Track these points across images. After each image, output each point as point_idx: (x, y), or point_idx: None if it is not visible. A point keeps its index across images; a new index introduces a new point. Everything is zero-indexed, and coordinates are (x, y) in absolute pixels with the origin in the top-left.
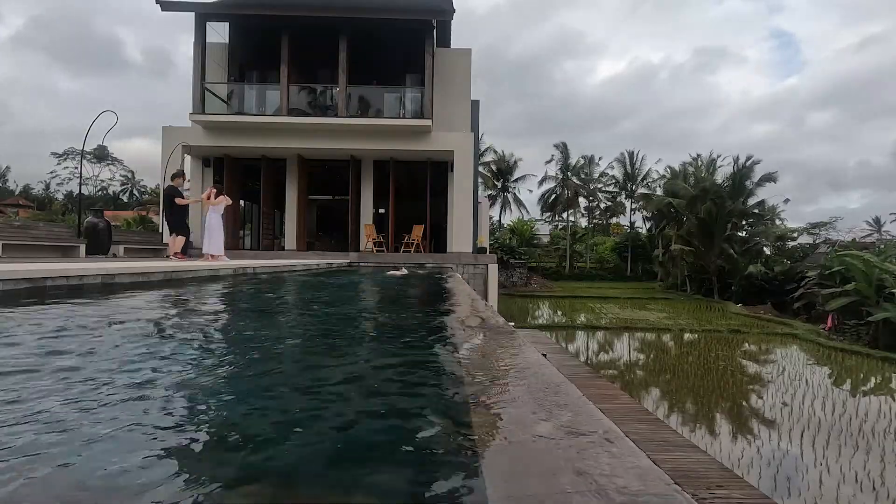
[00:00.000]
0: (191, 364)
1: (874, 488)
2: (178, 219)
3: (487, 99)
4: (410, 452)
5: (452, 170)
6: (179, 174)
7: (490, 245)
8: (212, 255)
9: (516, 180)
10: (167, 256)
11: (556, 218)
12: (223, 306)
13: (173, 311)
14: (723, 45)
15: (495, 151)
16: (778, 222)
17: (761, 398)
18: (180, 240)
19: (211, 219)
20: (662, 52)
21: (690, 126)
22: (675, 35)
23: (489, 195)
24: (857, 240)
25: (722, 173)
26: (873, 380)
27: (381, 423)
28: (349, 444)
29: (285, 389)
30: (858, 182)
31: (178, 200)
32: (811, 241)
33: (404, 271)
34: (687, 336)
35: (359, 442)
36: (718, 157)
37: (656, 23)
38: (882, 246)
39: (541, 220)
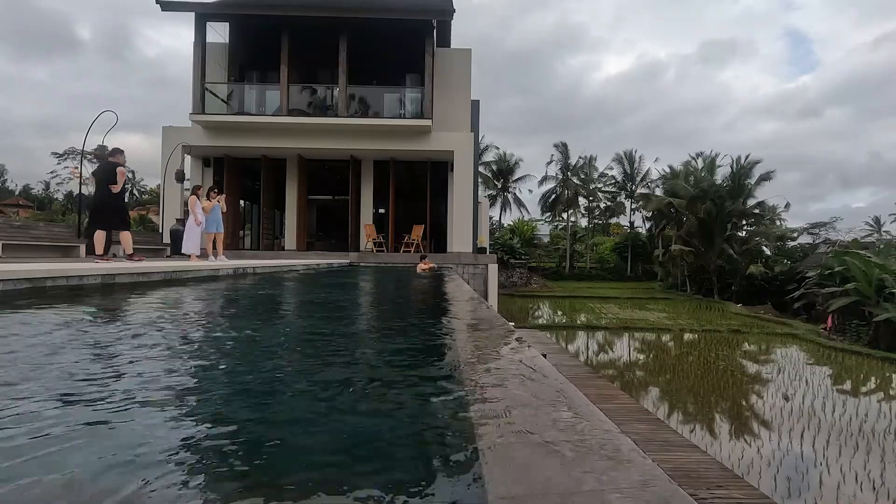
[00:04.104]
0: None
1: (874, 488)
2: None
3: (484, 93)
4: None
5: (452, 170)
6: (180, 176)
7: (490, 245)
8: (193, 255)
9: (516, 180)
10: (167, 256)
11: (557, 218)
12: None
13: None
14: (734, 42)
15: (496, 148)
16: (778, 222)
17: (761, 398)
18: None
19: (194, 219)
20: (670, 48)
21: (698, 123)
22: (683, 31)
23: (489, 195)
24: (858, 239)
25: (722, 173)
26: (873, 380)
27: None
28: None
29: None
30: (868, 179)
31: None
32: (811, 241)
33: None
34: (687, 336)
35: None
36: (717, 155)
37: (663, 18)
38: (881, 246)
39: (541, 220)
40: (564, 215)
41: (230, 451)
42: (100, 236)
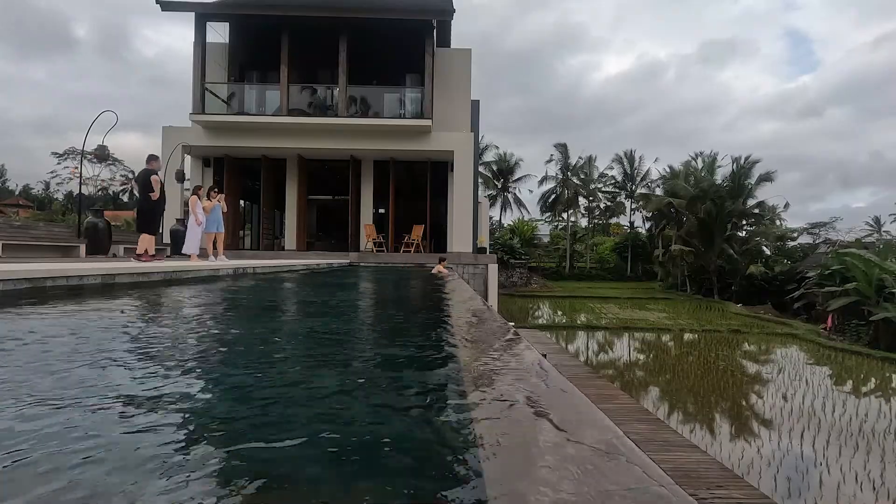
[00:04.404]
0: None
1: (874, 488)
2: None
3: (484, 93)
4: None
5: (452, 170)
6: (180, 176)
7: (490, 245)
8: (193, 255)
9: (516, 180)
10: (167, 256)
11: (556, 218)
12: None
13: None
14: (734, 42)
15: (496, 147)
16: (778, 223)
17: (761, 398)
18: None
19: (195, 219)
20: (670, 48)
21: (698, 123)
22: (683, 31)
23: (489, 195)
24: (859, 239)
25: (722, 173)
26: (873, 380)
27: None
28: None
29: None
30: (869, 179)
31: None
32: (811, 241)
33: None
34: (687, 336)
35: None
36: (717, 154)
37: (663, 19)
38: (881, 246)
39: (541, 220)
40: (564, 215)
41: None
42: (147, 239)
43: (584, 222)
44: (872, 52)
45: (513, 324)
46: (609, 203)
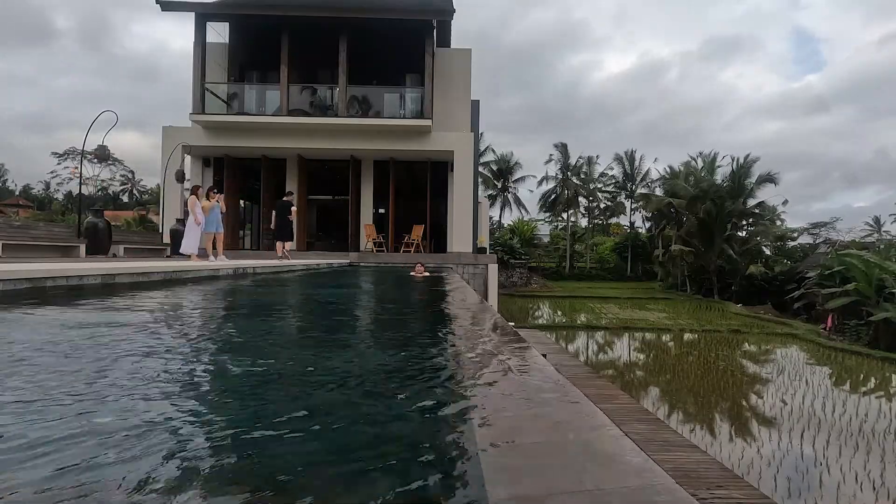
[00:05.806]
0: None
1: (874, 488)
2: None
3: (484, 90)
4: None
5: (452, 170)
6: (180, 176)
7: (490, 245)
8: (193, 255)
9: (516, 180)
10: (167, 256)
11: (556, 218)
12: None
13: None
14: (738, 41)
15: (493, 151)
16: (778, 223)
17: (761, 398)
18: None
19: (194, 219)
20: (673, 47)
21: (700, 122)
22: (687, 30)
23: (489, 195)
24: (857, 240)
25: (722, 173)
26: (873, 380)
27: None
28: None
29: None
30: (872, 179)
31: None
32: (811, 242)
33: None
34: (687, 336)
35: None
36: (717, 154)
37: (666, 17)
38: (882, 246)
39: (541, 220)
40: (564, 215)
41: None
42: (288, 244)
43: (584, 222)
44: (877, 51)
45: (513, 324)
46: (609, 203)
